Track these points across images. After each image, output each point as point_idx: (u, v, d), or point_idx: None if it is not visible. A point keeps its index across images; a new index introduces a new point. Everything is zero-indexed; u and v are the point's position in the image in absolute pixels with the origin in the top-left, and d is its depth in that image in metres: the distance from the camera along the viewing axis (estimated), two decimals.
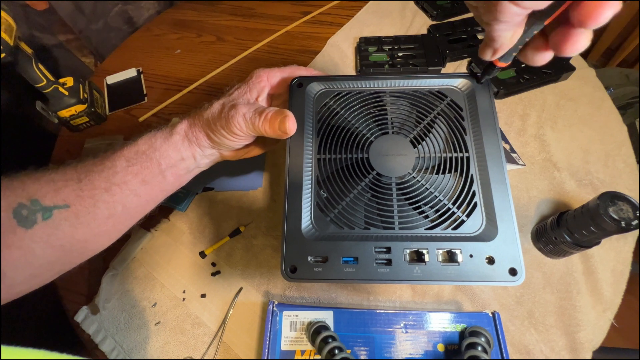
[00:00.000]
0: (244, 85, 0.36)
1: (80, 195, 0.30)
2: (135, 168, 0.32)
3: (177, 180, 0.36)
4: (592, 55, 1.28)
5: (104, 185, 0.31)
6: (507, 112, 0.56)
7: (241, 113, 0.32)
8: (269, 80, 0.37)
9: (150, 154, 0.33)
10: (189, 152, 0.34)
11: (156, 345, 0.42)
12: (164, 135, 0.34)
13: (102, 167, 0.31)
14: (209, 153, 0.36)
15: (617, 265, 0.43)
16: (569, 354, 0.39)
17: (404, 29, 0.70)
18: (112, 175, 0.31)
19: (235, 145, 0.35)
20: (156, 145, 0.33)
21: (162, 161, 0.33)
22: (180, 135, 0.34)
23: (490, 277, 0.29)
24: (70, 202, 0.29)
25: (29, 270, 0.29)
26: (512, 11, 0.22)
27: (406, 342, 0.38)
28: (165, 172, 0.34)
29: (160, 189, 0.35)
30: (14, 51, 0.46)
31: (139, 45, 0.75)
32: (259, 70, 0.37)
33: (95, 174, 0.31)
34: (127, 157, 0.32)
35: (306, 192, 0.33)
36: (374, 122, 0.37)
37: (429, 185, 0.33)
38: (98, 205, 0.31)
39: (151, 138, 0.34)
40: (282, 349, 0.38)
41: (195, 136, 0.34)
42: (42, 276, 0.31)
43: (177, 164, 0.34)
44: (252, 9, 0.79)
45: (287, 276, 0.30)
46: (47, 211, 0.28)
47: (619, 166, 0.50)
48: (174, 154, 0.34)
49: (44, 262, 0.30)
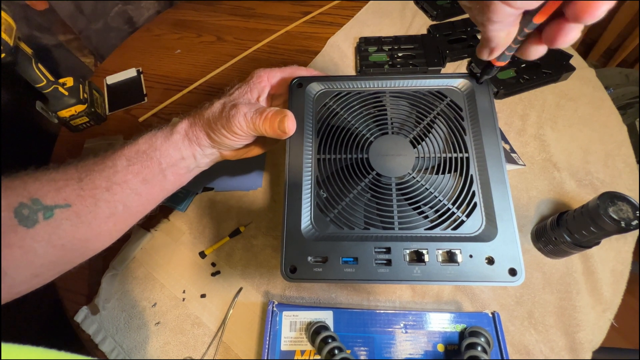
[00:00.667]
0: (244, 85, 0.36)
1: (81, 194, 0.30)
2: (135, 167, 0.32)
3: (177, 180, 0.36)
4: (592, 55, 1.28)
5: (105, 185, 0.31)
6: (507, 112, 0.56)
7: (242, 112, 0.32)
8: (269, 81, 0.37)
9: (150, 153, 0.33)
10: (189, 152, 0.34)
11: (156, 345, 0.42)
12: (164, 135, 0.34)
13: (103, 167, 0.31)
14: (209, 152, 0.36)
15: (617, 266, 0.43)
16: (568, 354, 0.39)
17: (404, 29, 0.70)
18: (112, 174, 0.31)
19: (235, 144, 0.35)
20: (156, 144, 0.33)
21: (163, 160, 0.33)
22: (181, 134, 0.34)
23: (490, 277, 0.29)
24: (71, 202, 0.29)
25: (30, 270, 0.29)
26: (505, 11, 0.22)
27: (406, 342, 0.38)
28: (166, 171, 0.34)
29: (160, 188, 0.35)
30: (14, 51, 0.46)
31: (139, 45, 0.75)
32: (259, 70, 0.37)
33: (96, 173, 0.31)
34: (127, 156, 0.32)
35: (306, 192, 0.33)
36: (373, 123, 0.37)
37: (428, 186, 0.33)
38: (99, 205, 0.31)
39: (152, 137, 0.34)
40: (282, 349, 0.38)
41: (196, 135, 0.34)
42: (43, 275, 0.31)
43: (178, 163, 0.34)
44: (252, 9, 0.79)
45: (286, 276, 0.30)
46: (48, 210, 0.28)
47: (619, 166, 0.50)
48: (174, 153, 0.34)
49: (45, 261, 0.30)
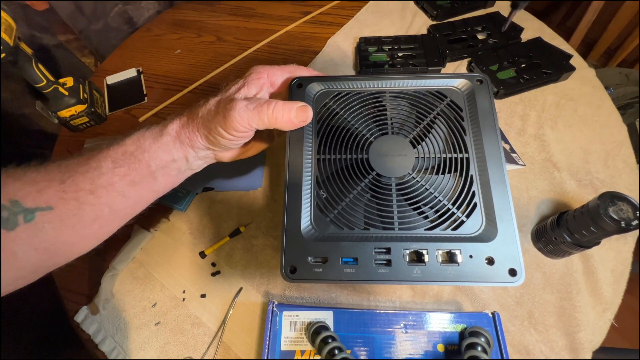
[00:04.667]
0: (241, 80, 0.35)
1: (63, 197, 0.28)
2: (122, 170, 0.30)
3: (168, 181, 0.34)
4: (592, 55, 1.28)
5: (89, 187, 0.29)
6: (507, 112, 0.56)
7: (242, 105, 0.31)
8: (269, 78, 0.36)
9: (138, 155, 0.31)
10: (180, 154, 0.33)
11: (156, 345, 0.42)
12: (153, 136, 0.32)
13: (87, 168, 0.30)
14: (202, 155, 0.34)
15: (617, 266, 0.43)
16: (568, 354, 0.39)
17: (404, 29, 0.70)
18: (97, 176, 0.30)
19: (232, 144, 0.34)
20: (144, 146, 0.32)
21: (152, 162, 0.32)
22: (171, 136, 0.32)
23: (490, 277, 0.29)
24: (53, 204, 0.28)
25: (12, 273, 0.28)
26: None
27: (406, 343, 0.38)
28: (156, 174, 0.32)
29: (150, 190, 0.33)
30: (14, 51, 0.46)
31: (139, 45, 0.75)
32: (258, 67, 0.36)
33: (80, 175, 0.29)
34: (113, 157, 0.31)
35: (306, 193, 0.33)
36: (373, 123, 0.37)
37: (428, 186, 0.33)
38: (83, 208, 0.29)
39: (139, 138, 0.32)
40: (282, 349, 0.38)
41: (189, 137, 0.32)
42: (27, 278, 0.30)
43: (168, 165, 0.33)
44: (252, 9, 0.79)
45: (286, 277, 0.30)
46: (29, 213, 0.27)
47: (619, 166, 0.50)
48: (164, 155, 0.32)
49: (27, 264, 0.28)
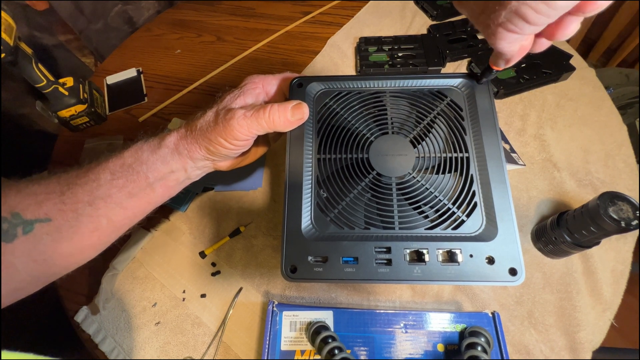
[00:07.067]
0: (236, 90, 0.35)
1: (62, 209, 0.29)
2: (120, 182, 0.31)
3: (167, 192, 0.35)
4: (592, 55, 1.28)
5: (87, 199, 0.30)
6: (507, 112, 0.56)
7: (240, 113, 0.31)
8: (264, 88, 0.36)
9: (136, 167, 0.32)
10: (179, 165, 0.33)
11: (156, 345, 0.42)
12: (151, 148, 0.33)
13: (86, 180, 0.30)
14: (201, 165, 0.35)
15: (617, 266, 0.43)
16: (568, 354, 0.39)
17: (404, 29, 0.70)
18: (95, 188, 0.30)
19: (232, 153, 0.34)
20: (142, 158, 0.32)
21: (150, 174, 0.32)
22: (170, 148, 0.33)
23: (490, 277, 0.29)
24: (52, 216, 0.29)
25: (12, 285, 0.28)
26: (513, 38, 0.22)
27: (406, 342, 0.38)
28: (154, 185, 0.33)
29: (148, 201, 0.34)
30: (14, 51, 0.46)
31: (139, 45, 0.75)
32: (253, 76, 0.36)
33: (78, 187, 0.30)
34: (111, 170, 0.31)
35: (306, 192, 0.33)
36: (373, 122, 0.37)
37: (429, 185, 0.33)
38: (81, 219, 0.30)
39: (137, 150, 0.32)
40: (282, 349, 0.38)
41: (187, 148, 0.33)
42: (26, 289, 0.30)
43: (167, 176, 0.33)
44: (252, 9, 0.79)
45: (287, 276, 0.30)
46: (28, 225, 0.28)
47: (619, 166, 0.50)
48: (162, 167, 0.32)
49: (26, 276, 0.29)
